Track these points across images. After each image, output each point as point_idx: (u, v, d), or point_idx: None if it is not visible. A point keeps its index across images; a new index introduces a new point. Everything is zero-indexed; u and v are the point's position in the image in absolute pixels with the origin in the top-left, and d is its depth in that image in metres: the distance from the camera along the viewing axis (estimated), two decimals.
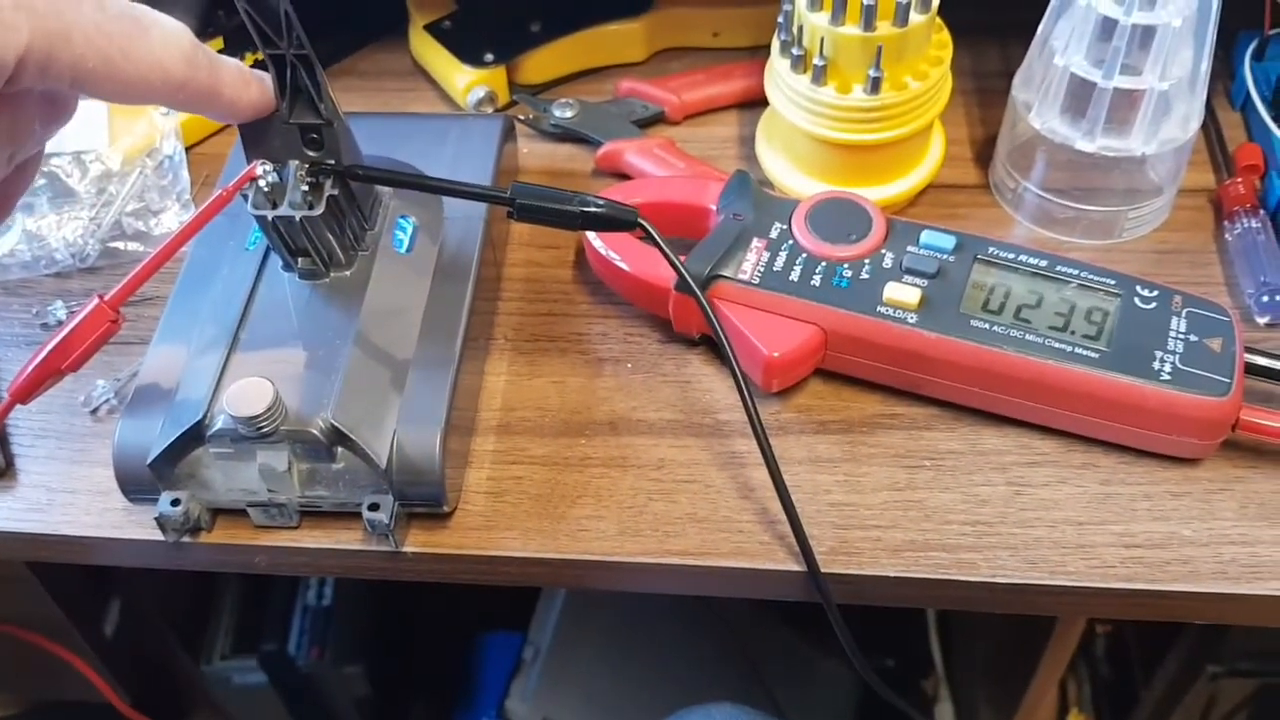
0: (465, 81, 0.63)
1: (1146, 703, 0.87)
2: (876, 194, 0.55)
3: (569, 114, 0.63)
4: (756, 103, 0.61)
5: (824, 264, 0.49)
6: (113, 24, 0.36)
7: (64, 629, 0.70)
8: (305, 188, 0.44)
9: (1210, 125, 0.61)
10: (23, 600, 0.67)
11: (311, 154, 0.44)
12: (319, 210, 0.44)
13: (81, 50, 0.35)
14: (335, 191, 0.45)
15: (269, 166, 0.44)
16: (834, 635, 0.46)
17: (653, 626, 1.01)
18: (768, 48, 0.57)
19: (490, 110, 0.64)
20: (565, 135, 0.63)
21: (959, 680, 1.05)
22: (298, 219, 0.44)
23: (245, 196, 0.44)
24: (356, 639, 0.97)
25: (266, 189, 0.44)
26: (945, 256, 0.49)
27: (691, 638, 1.00)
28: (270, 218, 0.44)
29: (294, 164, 0.44)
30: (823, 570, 0.45)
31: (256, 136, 0.44)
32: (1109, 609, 0.46)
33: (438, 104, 0.66)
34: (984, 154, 0.61)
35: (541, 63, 0.65)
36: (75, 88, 0.36)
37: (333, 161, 0.44)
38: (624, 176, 0.60)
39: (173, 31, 0.38)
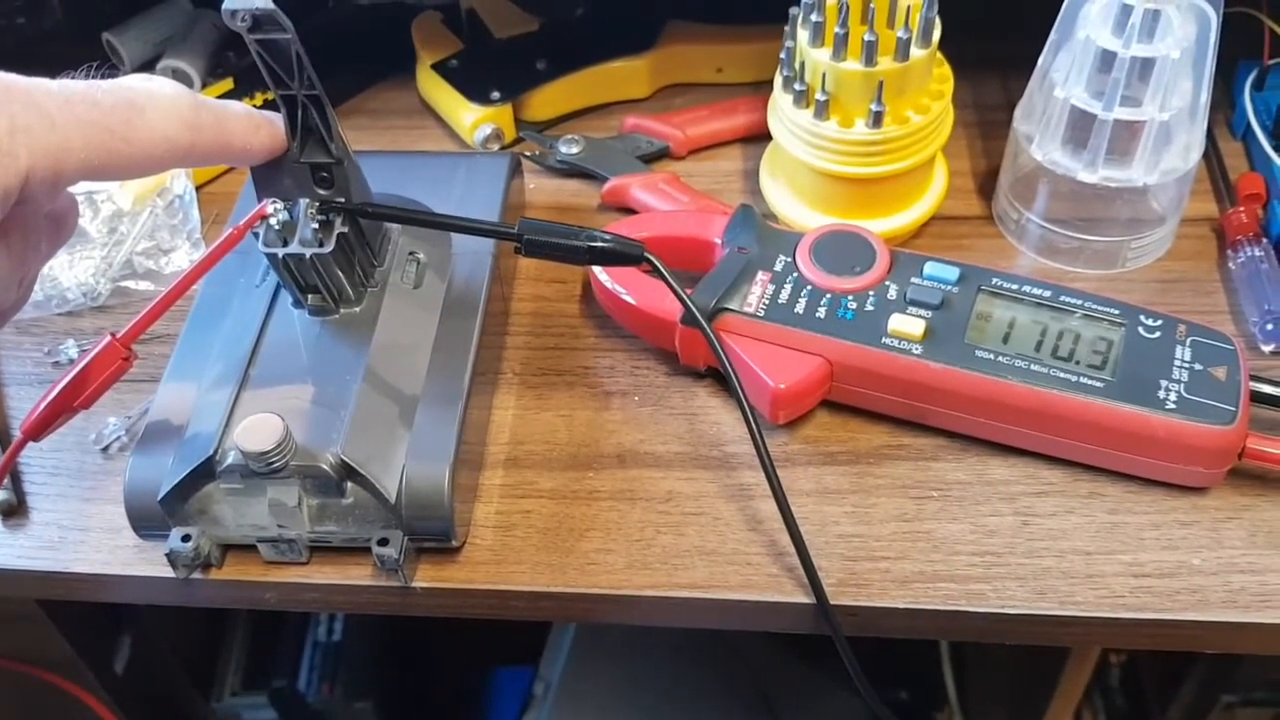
0: (472, 119, 0.64)
1: None
2: (880, 226, 0.56)
3: (575, 150, 0.63)
4: (760, 137, 0.62)
5: (829, 296, 0.50)
6: (109, 117, 0.35)
7: (75, 667, 0.70)
8: (316, 225, 0.45)
9: (1212, 154, 0.61)
10: (34, 638, 0.67)
11: (322, 192, 0.45)
12: (329, 248, 0.45)
13: (84, 154, 0.35)
14: (345, 229, 0.45)
15: (280, 204, 0.44)
16: (845, 667, 0.46)
17: (664, 659, 1.00)
18: (770, 83, 0.58)
19: (497, 147, 0.65)
20: (571, 171, 0.64)
21: (973, 712, 1.04)
22: (308, 256, 0.45)
23: (256, 234, 0.45)
24: (367, 674, 0.97)
25: (277, 227, 0.44)
26: (949, 288, 0.50)
27: (702, 670, 1.00)
28: (281, 255, 0.45)
29: (304, 202, 0.45)
30: (832, 602, 0.45)
31: (267, 176, 0.44)
32: (1119, 639, 0.46)
33: (445, 142, 0.66)
34: (986, 186, 0.61)
35: (547, 100, 0.66)
36: (88, 180, 0.36)
37: (343, 199, 0.45)
38: (629, 211, 0.61)
39: (170, 100, 0.38)
